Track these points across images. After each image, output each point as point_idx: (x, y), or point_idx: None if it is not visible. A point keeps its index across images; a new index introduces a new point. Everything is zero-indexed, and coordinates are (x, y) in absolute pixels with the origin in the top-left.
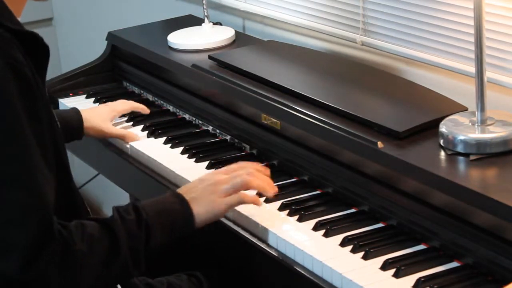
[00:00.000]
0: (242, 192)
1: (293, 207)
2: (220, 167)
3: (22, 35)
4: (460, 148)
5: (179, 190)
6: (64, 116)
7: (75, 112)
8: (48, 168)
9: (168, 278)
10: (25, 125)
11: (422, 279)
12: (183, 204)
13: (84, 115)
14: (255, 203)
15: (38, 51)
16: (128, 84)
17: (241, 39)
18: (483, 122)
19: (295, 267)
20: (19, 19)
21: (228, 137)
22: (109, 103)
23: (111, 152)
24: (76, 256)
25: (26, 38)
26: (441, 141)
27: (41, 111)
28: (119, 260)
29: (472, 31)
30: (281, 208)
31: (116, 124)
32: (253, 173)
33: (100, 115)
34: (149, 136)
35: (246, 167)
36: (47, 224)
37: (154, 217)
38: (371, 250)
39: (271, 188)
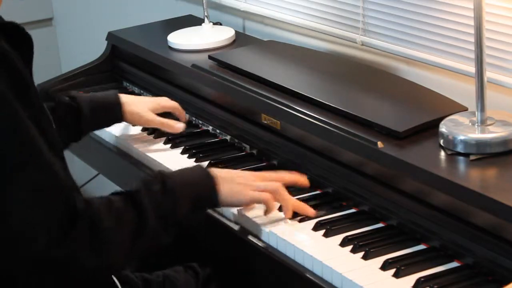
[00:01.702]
0: (269, 194)
1: None
2: (220, 167)
3: (3, 26)
4: (460, 148)
5: (211, 168)
6: (103, 100)
7: (114, 96)
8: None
9: (164, 272)
10: (21, 112)
11: (422, 279)
12: (210, 179)
13: (126, 99)
14: (271, 210)
15: (21, 41)
16: (128, 84)
17: (241, 39)
18: (483, 122)
19: (295, 267)
20: None
21: (228, 137)
22: (153, 97)
23: (111, 152)
24: (104, 232)
25: (7, 29)
26: (441, 141)
27: (33, 98)
28: (148, 231)
29: (472, 31)
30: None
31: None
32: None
33: (141, 102)
34: (149, 136)
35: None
36: (68, 201)
37: (180, 186)
38: (371, 250)
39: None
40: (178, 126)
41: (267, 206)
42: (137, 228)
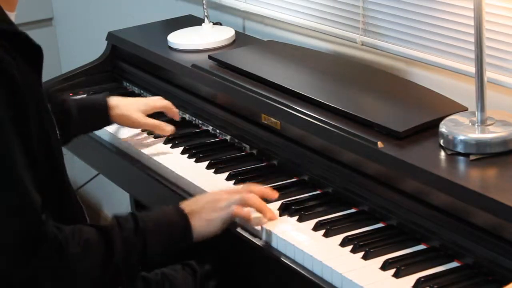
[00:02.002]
0: (236, 206)
1: (293, 207)
2: (220, 167)
3: (12, 35)
4: (460, 148)
5: (181, 204)
6: (91, 103)
7: (102, 99)
8: (35, 171)
9: (163, 270)
10: (8, 127)
11: (422, 279)
12: (182, 217)
13: (115, 102)
14: (246, 217)
15: (31, 50)
16: (128, 84)
17: (241, 39)
18: (483, 122)
19: (295, 267)
20: (13, 16)
21: (228, 137)
22: (146, 98)
23: (111, 152)
24: (70, 259)
25: (16, 38)
26: (441, 141)
27: (30, 112)
28: (112, 266)
29: (472, 31)
30: (281, 208)
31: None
32: (253, 194)
33: (131, 104)
34: (149, 136)
35: (249, 189)
36: (35, 224)
37: (152, 227)
38: (371, 250)
39: (269, 211)
40: (169, 129)
41: (242, 217)
42: (102, 261)
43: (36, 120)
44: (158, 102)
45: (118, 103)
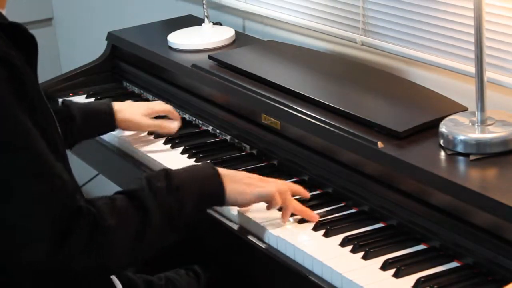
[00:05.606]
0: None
1: None
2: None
3: (6, 27)
4: (460, 148)
5: (217, 167)
6: (95, 108)
7: (106, 104)
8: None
9: (166, 274)
10: (22, 116)
11: (422, 279)
12: (217, 177)
13: (118, 107)
14: (275, 205)
15: (25, 42)
16: (128, 84)
17: (241, 39)
18: (483, 122)
19: (295, 267)
20: (3, 11)
21: (228, 137)
22: (147, 102)
23: (111, 152)
24: (107, 232)
25: (10, 30)
26: (441, 141)
27: (34, 100)
28: (153, 230)
29: (472, 31)
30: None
31: None
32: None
33: (134, 108)
34: (149, 136)
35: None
36: (69, 206)
37: (186, 184)
38: (371, 250)
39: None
40: (174, 126)
41: (272, 201)
42: (141, 228)
43: (41, 114)
44: (160, 106)
45: (122, 108)
